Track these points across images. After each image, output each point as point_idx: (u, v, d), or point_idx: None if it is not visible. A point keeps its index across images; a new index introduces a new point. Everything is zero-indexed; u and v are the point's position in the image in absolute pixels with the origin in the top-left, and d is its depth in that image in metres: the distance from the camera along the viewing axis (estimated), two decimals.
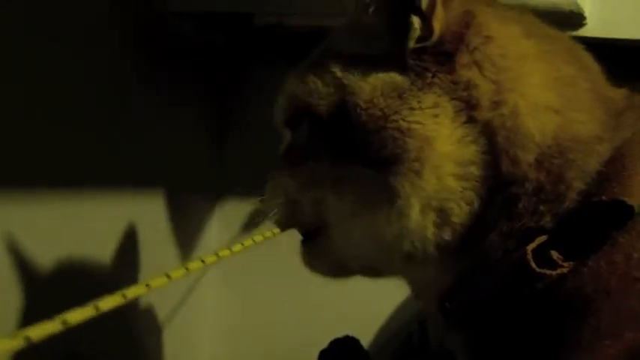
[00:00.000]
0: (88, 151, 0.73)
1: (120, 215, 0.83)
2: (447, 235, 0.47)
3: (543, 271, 0.42)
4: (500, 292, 0.45)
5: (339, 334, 0.69)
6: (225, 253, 0.47)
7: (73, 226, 0.72)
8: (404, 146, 0.46)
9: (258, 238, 0.51)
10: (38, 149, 0.65)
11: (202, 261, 0.44)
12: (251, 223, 1.06)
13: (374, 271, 0.56)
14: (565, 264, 0.42)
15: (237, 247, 0.48)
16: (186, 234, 1.00)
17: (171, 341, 0.95)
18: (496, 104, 0.46)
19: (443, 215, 0.46)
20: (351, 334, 0.69)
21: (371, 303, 0.97)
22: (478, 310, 0.47)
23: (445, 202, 0.46)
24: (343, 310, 1.01)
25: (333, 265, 0.56)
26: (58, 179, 0.69)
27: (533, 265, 0.42)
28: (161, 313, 0.93)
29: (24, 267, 0.65)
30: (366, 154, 0.48)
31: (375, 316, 0.99)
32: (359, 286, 1.01)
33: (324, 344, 0.67)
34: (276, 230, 0.54)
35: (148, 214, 0.90)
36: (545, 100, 0.46)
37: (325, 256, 0.56)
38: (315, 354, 0.67)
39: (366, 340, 0.84)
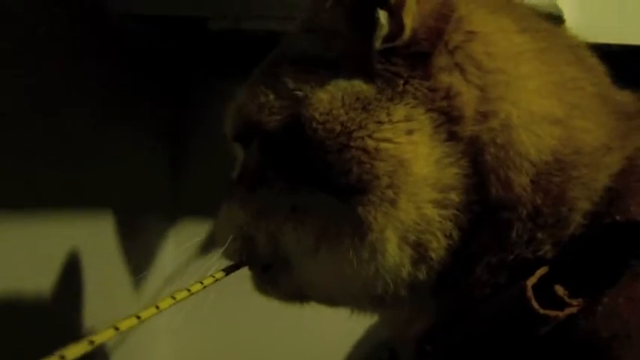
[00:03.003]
0: (26, 169, 0.67)
1: (66, 240, 0.77)
2: (421, 275, 0.40)
3: (548, 312, 0.35)
4: (492, 335, 0.38)
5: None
6: (182, 294, 0.43)
7: (13, 250, 0.65)
8: (372, 171, 0.39)
9: (208, 280, 0.45)
10: None
11: (157, 307, 0.40)
12: (209, 246, 1.01)
13: (337, 306, 0.49)
14: (574, 302, 0.36)
15: (181, 295, 0.43)
16: (139, 258, 0.95)
17: None
18: (483, 116, 0.39)
19: (420, 250, 0.40)
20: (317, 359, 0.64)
21: (337, 326, 0.93)
22: (466, 355, 0.40)
23: (423, 234, 0.39)
24: (308, 334, 0.97)
25: (290, 294, 0.50)
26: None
27: (536, 304, 0.36)
28: (112, 343, 0.86)
29: None
30: (327, 179, 0.40)
31: (342, 341, 0.94)
32: (324, 309, 0.98)
33: None
34: (219, 275, 0.47)
35: (97, 237, 0.84)
36: (544, 108, 0.40)
37: (282, 287, 0.49)
38: None
39: None
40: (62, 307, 0.74)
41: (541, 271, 0.37)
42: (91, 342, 0.31)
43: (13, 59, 0.65)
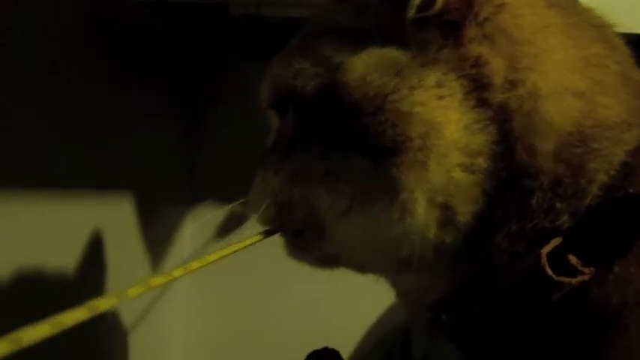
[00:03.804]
0: (51, 152, 0.69)
1: (87, 220, 0.78)
2: (448, 238, 0.41)
3: (561, 278, 0.37)
4: (508, 302, 0.40)
5: (317, 346, 0.65)
6: (211, 257, 0.42)
7: (37, 231, 0.67)
8: (406, 133, 0.40)
9: (238, 245, 0.45)
10: (3, 151, 0.61)
11: (186, 268, 0.39)
12: (225, 228, 1.03)
13: (366, 270, 0.50)
14: (586, 270, 0.37)
15: (213, 256, 0.42)
16: (157, 239, 0.96)
17: (138, 353, 0.90)
18: (511, 84, 0.40)
19: (447, 213, 0.41)
20: (330, 345, 0.65)
21: (352, 312, 0.94)
22: (481, 324, 0.41)
23: (451, 198, 0.41)
24: (321, 320, 0.98)
25: (322, 259, 0.51)
26: (21, 181, 0.64)
27: (550, 271, 0.37)
28: (128, 323, 0.88)
29: None
30: (362, 142, 0.42)
31: (356, 326, 0.95)
32: (339, 293, 0.99)
33: (301, 357, 0.63)
34: (256, 238, 0.48)
35: (117, 219, 0.85)
36: (569, 81, 0.41)
37: (314, 251, 0.50)
38: None
39: (346, 352, 0.80)
40: (81, 287, 0.75)
41: (556, 241, 0.38)
42: (125, 296, 0.32)
43: (33, 48, 0.66)
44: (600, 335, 0.36)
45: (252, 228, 0.97)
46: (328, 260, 0.50)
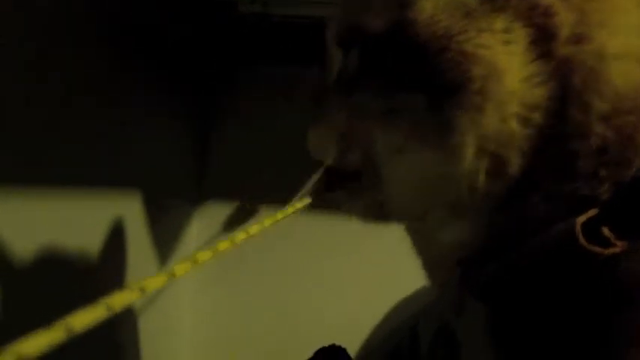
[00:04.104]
0: (59, 151, 0.69)
1: (97, 217, 0.78)
2: (495, 188, 0.42)
3: (593, 247, 0.37)
4: (538, 266, 0.40)
5: (325, 343, 0.65)
6: (255, 228, 0.42)
7: (53, 225, 0.68)
8: (467, 74, 0.40)
9: (287, 211, 0.46)
10: (17, 147, 0.61)
11: (232, 240, 0.39)
12: (232, 225, 1.03)
13: (414, 218, 0.51)
14: (618, 243, 0.37)
15: (256, 227, 0.42)
16: (165, 235, 0.97)
17: (146, 348, 0.90)
18: (578, 38, 0.40)
19: (498, 163, 0.41)
20: (337, 342, 0.66)
21: (359, 310, 0.94)
22: (509, 284, 0.42)
23: (503, 148, 0.41)
24: (329, 316, 0.98)
25: (375, 206, 0.50)
26: (26, 180, 0.64)
27: (583, 240, 0.37)
28: (133, 320, 0.89)
29: (4, 266, 0.60)
30: (423, 81, 0.42)
31: (363, 324, 0.96)
32: (346, 291, 0.99)
33: (309, 353, 0.64)
34: (299, 206, 0.49)
35: (127, 214, 0.85)
36: (637, 47, 0.40)
37: (367, 196, 0.50)
38: None
39: (352, 349, 0.81)
40: (88, 284, 0.75)
41: (592, 212, 0.38)
42: (172, 275, 0.31)
43: (49, 47, 0.66)
44: (626, 308, 0.36)
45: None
46: (380, 210, 0.50)
